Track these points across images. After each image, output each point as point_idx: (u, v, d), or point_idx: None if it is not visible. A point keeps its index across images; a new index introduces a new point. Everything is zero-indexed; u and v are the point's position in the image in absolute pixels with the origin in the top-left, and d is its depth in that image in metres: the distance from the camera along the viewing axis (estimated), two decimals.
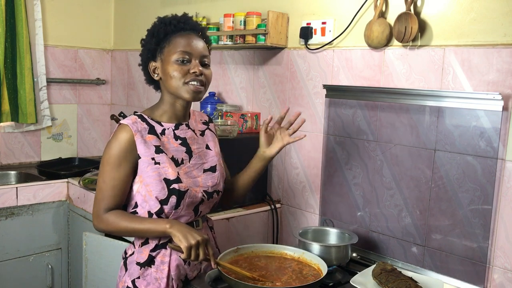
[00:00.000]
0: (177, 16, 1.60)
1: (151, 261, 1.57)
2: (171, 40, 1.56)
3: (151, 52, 1.59)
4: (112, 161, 1.51)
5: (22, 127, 3.24)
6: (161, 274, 1.56)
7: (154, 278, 1.56)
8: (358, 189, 2.13)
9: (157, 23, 1.60)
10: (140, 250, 1.58)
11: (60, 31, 3.38)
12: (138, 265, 1.57)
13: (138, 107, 3.45)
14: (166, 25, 1.57)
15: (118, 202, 1.54)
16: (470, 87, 1.78)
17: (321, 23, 2.24)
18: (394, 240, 2.02)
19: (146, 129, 1.55)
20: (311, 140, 2.34)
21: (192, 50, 1.55)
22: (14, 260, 2.78)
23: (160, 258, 1.57)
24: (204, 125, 1.73)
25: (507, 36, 1.69)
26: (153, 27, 1.60)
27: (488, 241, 1.75)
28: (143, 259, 1.57)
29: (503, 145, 1.70)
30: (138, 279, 1.57)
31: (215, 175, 1.66)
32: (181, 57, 1.53)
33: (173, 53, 1.54)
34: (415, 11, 1.90)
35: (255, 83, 2.61)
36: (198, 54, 1.55)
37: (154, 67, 1.59)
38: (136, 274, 1.58)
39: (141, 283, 1.57)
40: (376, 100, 2.02)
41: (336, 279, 1.78)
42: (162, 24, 1.58)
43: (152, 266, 1.57)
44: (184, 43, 1.55)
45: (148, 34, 1.61)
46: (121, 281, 1.62)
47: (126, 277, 1.60)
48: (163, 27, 1.57)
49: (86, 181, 2.77)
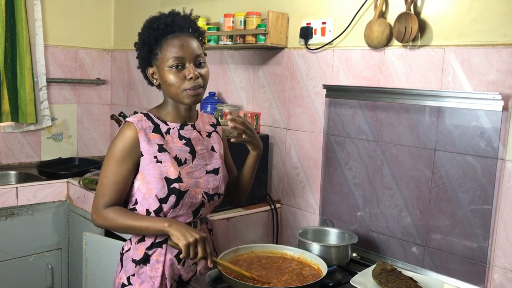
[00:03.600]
0: (164, 17, 1.57)
1: (146, 259, 1.57)
2: (162, 45, 1.54)
3: (146, 60, 1.58)
4: (116, 157, 1.52)
5: (22, 127, 3.24)
6: (155, 273, 1.57)
7: (148, 276, 1.57)
8: (358, 189, 2.13)
9: (146, 28, 1.58)
10: (136, 247, 1.59)
11: (60, 31, 3.38)
12: (134, 263, 1.58)
13: (138, 107, 3.45)
14: (154, 31, 1.54)
15: (118, 198, 1.55)
16: (470, 87, 1.78)
17: (321, 23, 2.24)
18: (394, 240, 2.02)
19: (150, 127, 1.56)
20: (311, 140, 2.34)
21: (184, 53, 1.53)
22: (14, 260, 2.78)
23: (156, 257, 1.58)
24: (211, 127, 1.74)
25: (507, 36, 1.68)
26: (142, 32, 1.58)
27: (488, 241, 1.75)
28: (138, 257, 1.58)
29: (503, 145, 1.70)
30: (133, 276, 1.58)
31: (217, 178, 1.66)
32: (174, 63, 1.52)
33: (166, 60, 1.53)
34: (415, 11, 1.90)
35: (255, 83, 2.61)
36: (191, 57, 1.54)
37: (152, 73, 1.59)
38: (131, 271, 1.58)
39: (136, 280, 1.57)
40: (376, 100, 2.02)
41: (336, 279, 1.78)
42: (150, 30, 1.55)
43: (147, 264, 1.57)
44: (175, 48, 1.52)
45: (139, 40, 1.60)
46: (118, 277, 1.63)
47: (122, 274, 1.61)
48: (152, 33, 1.55)
49: (86, 181, 2.77)
